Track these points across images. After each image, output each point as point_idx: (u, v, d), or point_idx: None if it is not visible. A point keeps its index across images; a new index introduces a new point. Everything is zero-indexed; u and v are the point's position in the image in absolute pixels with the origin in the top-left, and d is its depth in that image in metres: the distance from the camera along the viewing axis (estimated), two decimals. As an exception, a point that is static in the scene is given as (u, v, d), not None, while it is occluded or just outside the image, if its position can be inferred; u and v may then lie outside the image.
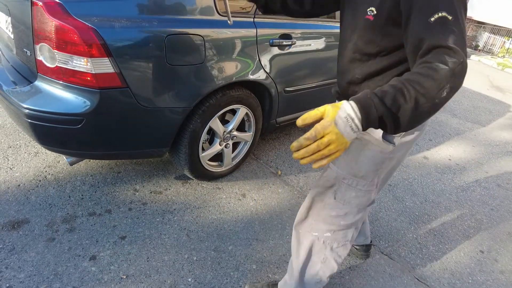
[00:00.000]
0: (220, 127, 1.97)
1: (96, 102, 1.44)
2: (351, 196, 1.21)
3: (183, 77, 1.61)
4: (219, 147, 2.05)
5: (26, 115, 1.47)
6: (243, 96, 1.96)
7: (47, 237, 1.58)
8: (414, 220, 2.20)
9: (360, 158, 1.15)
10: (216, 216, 1.88)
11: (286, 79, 2.18)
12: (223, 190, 2.10)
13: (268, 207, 2.02)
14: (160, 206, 1.87)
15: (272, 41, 1.96)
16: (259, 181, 2.24)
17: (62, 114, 1.46)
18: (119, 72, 1.43)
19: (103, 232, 1.65)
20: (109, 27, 1.38)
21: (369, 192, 1.22)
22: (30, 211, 1.70)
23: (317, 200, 1.29)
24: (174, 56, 1.55)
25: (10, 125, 2.36)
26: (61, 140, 1.56)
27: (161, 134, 1.72)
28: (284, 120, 2.45)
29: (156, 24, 1.49)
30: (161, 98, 1.59)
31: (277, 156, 2.58)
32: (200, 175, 2.05)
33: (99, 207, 1.79)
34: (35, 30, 1.38)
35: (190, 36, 1.58)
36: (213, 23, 1.68)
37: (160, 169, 2.17)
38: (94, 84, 1.42)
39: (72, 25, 1.32)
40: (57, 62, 1.40)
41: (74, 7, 1.35)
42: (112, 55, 1.39)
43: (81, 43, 1.33)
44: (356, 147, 1.15)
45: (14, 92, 1.54)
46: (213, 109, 1.84)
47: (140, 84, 1.51)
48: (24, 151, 2.14)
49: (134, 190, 1.96)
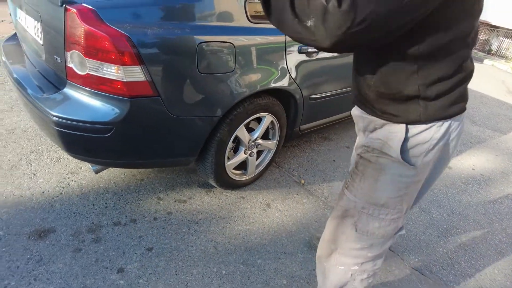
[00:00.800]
0: (246, 136, 1.93)
1: (126, 111, 1.41)
2: (375, 227, 1.10)
3: (213, 85, 1.57)
4: (244, 155, 2.00)
5: (54, 122, 1.44)
6: (270, 104, 1.92)
7: (74, 247, 1.54)
8: (443, 234, 2.13)
9: (378, 184, 1.03)
10: (242, 227, 1.83)
11: (312, 86, 2.13)
12: (247, 200, 2.05)
13: (294, 218, 1.97)
14: (185, 216, 1.83)
15: (300, 48, 1.91)
16: (283, 191, 2.19)
17: (91, 122, 1.42)
18: (150, 80, 1.39)
19: (129, 243, 1.61)
20: (142, 34, 1.34)
21: (395, 220, 1.10)
22: (56, 220, 1.67)
23: (338, 233, 1.18)
24: (205, 64, 1.50)
25: (31, 129, 2.34)
26: (89, 149, 1.53)
27: (189, 143, 1.68)
28: (308, 127, 2.40)
29: (188, 31, 1.45)
30: (192, 107, 1.55)
31: (299, 164, 2.52)
32: (225, 184, 2.01)
33: (124, 217, 1.76)
34: (67, 37, 1.35)
35: (222, 43, 1.54)
36: (243, 30, 1.63)
37: (182, 176, 2.13)
38: (125, 93, 1.38)
39: (105, 32, 1.29)
40: (88, 69, 1.37)
41: (107, 14, 1.31)
42: (144, 63, 1.35)
43: (114, 50, 1.30)
44: (371, 172, 1.04)
45: (42, 99, 1.51)
46: (240, 117, 1.79)
47: (171, 92, 1.47)
48: (46, 156, 2.12)
49: (158, 199, 1.92)
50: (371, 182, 1.05)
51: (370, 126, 1.06)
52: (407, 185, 1.03)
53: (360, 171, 1.08)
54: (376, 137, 1.03)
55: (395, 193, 1.04)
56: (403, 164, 0.98)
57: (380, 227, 1.09)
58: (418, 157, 0.98)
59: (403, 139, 0.97)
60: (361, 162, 1.08)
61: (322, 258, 1.26)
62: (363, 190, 1.07)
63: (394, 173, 1.01)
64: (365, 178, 1.06)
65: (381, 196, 1.05)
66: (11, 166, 1.98)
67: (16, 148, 2.14)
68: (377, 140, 1.03)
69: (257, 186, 2.19)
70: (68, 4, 1.30)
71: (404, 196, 1.05)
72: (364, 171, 1.07)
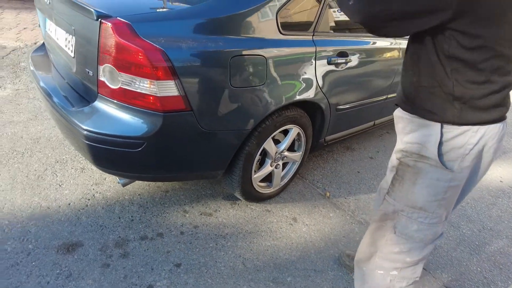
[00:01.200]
0: (273, 148, 1.89)
1: (159, 126, 1.38)
2: (413, 230, 1.12)
3: (245, 99, 1.54)
4: (270, 168, 1.96)
5: (84, 136, 1.42)
6: (297, 116, 1.88)
7: (102, 262, 1.52)
8: (475, 251, 2.05)
9: (416, 188, 1.07)
10: (270, 243, 1.79)
11: (339, 97, 2.08)
12: (272, 213, 2.01)
13: (322, 234, 1.92)
14: (211, 230, 1.80)
15: (330, 59, 1.86)
16: (308, 204, 2.14)
17: (122, 137, 1.40)
18: (184, 95, 1.36)
19: (157, 258, 1.58)
20: (176, 48, 1.32)
21: (434, 225, 1.11)
22: (83, 233, 1.65)
23: (378, 236, 1.22)
24: (237, 78, 1.47)
25: (55, 139, 2.34)
26: (118, 163, 1.51)
27: (219, 156, 1.65)
28: (333, 138, 2.35)
29: (222, 44, 1.42)
30: (223, 121, 1.52)
31: (323, 175, 2.47)
32: (250, 197, 1.97)
33: (150, 230, 1.73)
34: (100, 50, 1.34)
35: (254, 56, 1.51)
36: (275, 42, 1.60)
37: (207, 188, 2.10)
38: (158, 107, 1.36)
39: (140, 46, 1.27)
40: (121, 83, 1.35)
41: (142, 27, 1.29)
42: (178, 78, 1.33)
43: (148, 64, 1.28)
44: (409, 176, 1.08)
45: (72, 112, 1.49)
46: (268, 130, 1.76)
47: (203, 106, 1.44)
48: (71, 166, 2.11)
49: (184, 212, 1.89)
50: (409, 185, 1.09)
51: (407, 127, 1.09)
52: (444, 189, 1.05)
53: (400, 175, 1.12)
54: (413, 141, 1.06)
55: (432, 197, 1.06)
56: (441, 167, 1.01)
57: (419, 230, 1.11)
58: (455, 162, 1.01)
59: (439, 142, 1.00)
60: (400, 168, 1.12)
61: (361, 263, 1.28)
62: (402, 193, 1.11)
63: (432, 177, 1.04)
64: (404, 182, 1.10)
65: (418, 199, 1.07)
66: (37, 176, 1.97)
67: (42, 158, 2.14)
68: (415, 144, 1.06)
69: (282, 199, 2.15)
70: (103, 18, 1.29)
71: (442, 201, 1.07)
72: (403, 175, 1.11)
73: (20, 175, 1.96)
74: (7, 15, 4.74)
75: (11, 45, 3.81)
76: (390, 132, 3.42)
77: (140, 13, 1.38)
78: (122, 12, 1.34)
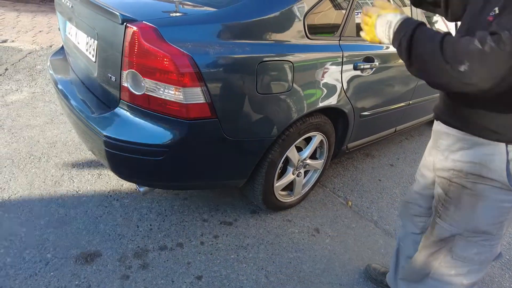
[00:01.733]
0: (295, 156, 1.83)
1: (183, 134, 1.33)
2: (472, 253, 1.05)
3: (270, 106, 1.48)
4: (292, 176, 1.90)
5: (105, 143, 1.38)
6: (321, 122, 1.81)
7: (121, 274, 1.47)
8: (506, 266, 1.95)
9: (477, 213, 0.98)
10: (293, 255, 1.72)
11: (363, 103, 2.01)
12: (294, 223, 1.94)
13: (346, 245, 1.85)
14: (232, 240, 1.74)
15: (357, 64, 1.80)
16: (330, 213, 2.07)
17: (144, 144, 1.35)
18: (210, 102, 1.31)
19: (177, 270, 1.53)
20: (203, 54, 1.26)
21: (494, 246, 1.04)
22: (101, 242, 1.61)
23: (431, 259, 1.14)
24: (264, 84, 1.42)
25: (72, 143, 2.32)
26: (139, 171, 1.46)
27: (242, 165, 1.59)
28: (355, 145, 2.28)
29: (249, 50, 1.36)
30: (248, 129, 1.47)
31: (344, 183, 2.40)
32: (271, 206, 1.91)
33: (170, 240, 1.68)
34: (125, 56, 1.29)
35: (281, 62, 1.45)
36: (302, 47, 1.54)
37: (226, 195, 2.05)
38: (183, 115, 1.30)
39: (166, 51, 1.22)
40: (145, 89, 1.30)
41: (169, 32, 1.24)
42: (205, 84, 1.27)
43: (175, 70, 1.23)
44: (469, 200, 0.99)
45: (92, 118, 1.45)
46: (292, 137, 1.70)
47: (228, 114, 1.38)
48: (87, 172, 2.07)
49: (203, 220, 1.84)
50: (469, 210, 1.00)
51: (456, 145, 1.00)
52: (509, 210, 0.97)
53: (454, 198, 1.03)
54: (467, 160, 0.97)
55: (496, 219, 0.98)
56: (507, 188, 0.92)
57: (479, 253, 1.04)
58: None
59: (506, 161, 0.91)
60: (452, 189, 1.03)
61: (412, 283, 1.23)
62: (460, 218, 1.02)
63: (496, 199, 0.95)
64: (461, 206, 1.01)
65: (481, 224, 0.99)
66: (54, 182, 1.94)
67: (58, 163, 2.11)
68: (470, 163, 0.96)
69: (303, 208, 2.08)
70: (129, 22, 1.24)
71: (506, 221, 1.00)
72: (458, 198, 1.01)
73: (38, 181, 1.93)
74: (23, 18, 4.77)
75: (27, 48, 3.82)
76: (409, 138, 3.33)
77: (166, 17, 1.33)
78: (148, 15, 1.30)
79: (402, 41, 0.82)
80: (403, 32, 0.83)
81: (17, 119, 2.49)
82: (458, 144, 0.99)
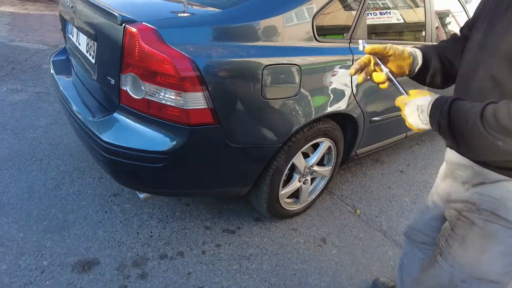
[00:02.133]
0: (302, 163, 1.76)
1: (184, 140, 1.27)
2: None
3: (276, 111, 1.41)
4: (298, 183, 1.83)
5: (104, 149, 1.32)
6: (330, 128, 1.74)
7: (119, 283, 1.42)
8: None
9: (487, 256, 0.84)
10: (298, 266, 1.65)
11: (374, 108, 1.93)
12: (299, 232, 1.87)
13: (353, 257, 1.77)
14: (234, 250, 1.67)
15: (367, 68, 1.71)
16: (337, 222, 1.99)
17: (144, 151, 1.30)
18: (212, 107, 1.24)
19: (177, 280, 1.47)
20: (206, 57, 1.20)
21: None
22: (99, 250, 1.56)
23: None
24: (269, 89, 1.35)
25: (74, 145, 2.28)
26: (139, 178, 1.41)
27: (246, 173, 1.52)
28: (364, 151, 2.19)
29: (254, 53, 1.30)
30: (252, 135, 1.40)
31: (352, 190, 2.31)
32: (276, 214, 1.84)
33: (170, 248, 1.62)
34: (124, 58, 1.23)
35: (288, 66, 1.38)
36: (310, 50, 1.47)
37: (229, 202, 1.99)
38: (184, 120, 1.24)
39: (167, 54, 1.16)
40: (145, 94, 1.24)
41: (170, 34, 1.18)
42: (207, 89, 1.21)
43: (175, 74, 1.17)
44: (477, 240, 0.85)
45: (92, 122, 1.40)
46: (298, 144, 1.62)
47: (232, 120, 1.32)
48: (89, 175, 2.03)
49: (205, 228, 1.78)
50: (477, 253, 0.85)
51: (476, 179, 0.86)
52: None
53: (460, 235, 0.89)
54: (487, 194, 0.83)
55: (508, 267, 0.84)
56: None
57: None
58: None
59: None
60: (460, 224, 0.89)
61: None
62: (465, 260, 0.88)
63: (510, 243, 0.81)
64: (468, 246, 0.87)
65: (490, 271, 0.85)
66: (54, 185, 1.90)
67: (60, 165, 2.07)
68: (488, 198, 0.83)
69: (309, 216, 2.00)
70: (128, 23, 1.19)
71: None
72: (465, 236, 0.87)
73: (38, 183, 1.89)
74: (32, 18, 4.78)
75: (34, 47, 3.81)
76: (419, 144, 3.23)
77: (167, 18, 1.28)
78: (148, 16, 1.24)
79: (441, 122, 0.73)
80: (438, 112, 0.74)
81: (21, 120, 2.47)
82: (478, 178, 0.86)
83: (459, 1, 2.62)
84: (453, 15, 2.65)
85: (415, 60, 0.97)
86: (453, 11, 2.64)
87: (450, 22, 2.67)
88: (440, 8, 2.39)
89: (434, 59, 0.98)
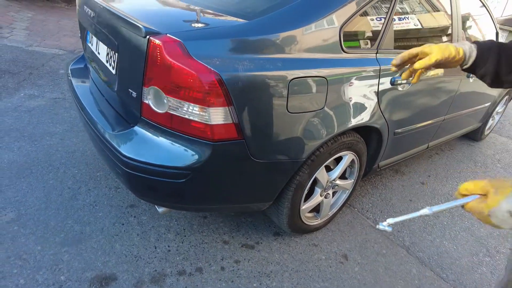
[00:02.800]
0: (325, 177, 1.70)
1: (207, 156, 1.22)
2: None
3: (301, 125, 1.36)
4: (320, 198, 1.77)
5: (124, 163, 1.29)
6: (354, 141, 1.68)
7: (137, 301, 1.38)
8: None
9: None
10: (319, 285, 1.59)
11: (398, 120, 1.87)
12: (320, 249, 1.80)
13: (376, 275, 1.70)
14: (254, 267, 1.62)
15: (394, 79, 1.65)
16: (359, 238, 1.92)
17: (165, 167, 1.25)
18: (237, 122, 1.20)
19: (196, 299, 1.43)
20: (232, 71, 1.15)
21: None
22: (117, 264, 1.52)
23: None
24: (295, 103, 1.30)
25: (90, 153, 2.26)
26: (158, 193, 1.37)
27: (268, 188, 1.47)
28: (386, 163, 2.13)
29: (280, 65, 1.25)
30: (276, 150, 1.35)
31: (372, 203, 2.24)
32: (297, 229, 1.78)
33: (189, 264, 1.58)
34: (147, 71, 1.20)
35: (314, 78, 1.33)
36: (337, 62, 1.41)
37: (247, 215, 1.93)
38: (208, 136, 1.20)
39: (192, 68, 1.11)
40: (168, 108, 1.20)
41: (195, 46, 1.14)
42: (232, 104, 1.16)
43: (201, 89, 1.12)
44: None
45: (112, 136, 1.37)
46: (322, 158, 1.57)
47: (256, 135, 1.27)
48: (105, 185, 2.00)
49: (224, 242, 1.73)
50: None
51: None
52: None
53: None
54: None
55: None
56: None
57: None
58: None
59: None
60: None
61: None
62: None
63: None
64: None
65: None
66: (71, 195, 1.87)
67: (76, 174, 2.04)
68: None
69: (330, 231, 1.94)
70: (152, 35, 1.15)
71: None
72: None
73: (55, 193, 1.87)
74: (49, 23, 4.82)
75: (51, 52, 3.83)
76: (439, 153, 3.14)
77: (192, 29, 1.23)
78: (172, 28, 1.20)
79: None
80: None
81: (37, 126, 2.46)
82: None
83: (483, 4, 2.53)
84: (474, 19, 2.56)
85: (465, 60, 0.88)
86: (477, 14, 2.55)
87: (471, 26, 2.58)
88: (466, 11, 2.30)
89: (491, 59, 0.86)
